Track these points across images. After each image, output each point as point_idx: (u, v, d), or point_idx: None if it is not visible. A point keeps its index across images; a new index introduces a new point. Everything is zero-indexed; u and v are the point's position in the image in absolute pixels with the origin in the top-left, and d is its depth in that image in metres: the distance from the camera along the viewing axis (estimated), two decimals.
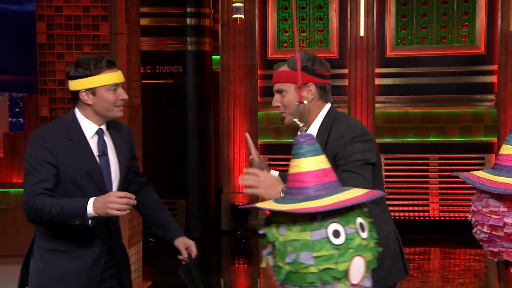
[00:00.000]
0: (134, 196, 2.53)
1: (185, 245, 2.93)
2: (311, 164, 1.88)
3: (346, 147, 2.44)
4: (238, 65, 9.20)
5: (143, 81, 6.36)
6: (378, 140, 9.16)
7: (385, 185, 9.20)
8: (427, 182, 9.09)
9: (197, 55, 8.84)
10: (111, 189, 2.74)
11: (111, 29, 5.55)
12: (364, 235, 1.82)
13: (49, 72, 5.52)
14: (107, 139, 2.80)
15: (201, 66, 8.91)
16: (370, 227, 1.84)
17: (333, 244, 1.82)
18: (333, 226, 1.85)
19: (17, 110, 9.97)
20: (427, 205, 9.06)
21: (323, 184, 1.87)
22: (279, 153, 9.10)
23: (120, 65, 5.58)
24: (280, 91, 2.59)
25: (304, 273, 1.82)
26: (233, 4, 8.89)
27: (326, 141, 2.52)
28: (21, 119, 9.98)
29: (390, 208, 9.17)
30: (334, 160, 2.46)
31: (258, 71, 9.23)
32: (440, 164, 9.01)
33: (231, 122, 9.27)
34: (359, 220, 1.83)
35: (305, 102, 2.58)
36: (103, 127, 2.79)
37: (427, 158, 9.09)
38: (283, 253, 1.84)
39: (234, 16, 8.91)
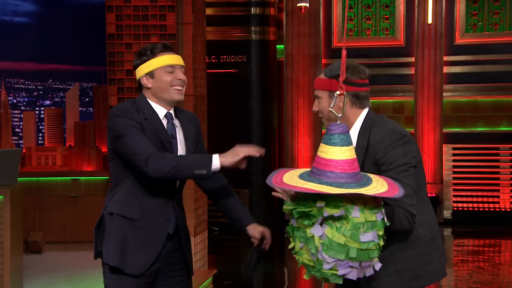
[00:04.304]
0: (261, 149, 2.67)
1: (260, 232, 2.92)
2: (343, 152, 2.09)
3: (387, 153, 2.52)
4: (302, 54, 9.13)
5: (207, 71, 6.39)
6: (446, 130, 8.95)
7: (454, 175, 9.03)
8: (497, 172, 8.82)
9: (261, 44, 8.83)
10: None
11: (177, 19, 5.59)
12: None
13: (118, 62, 5.62)
14: (176, 123, 2.87)
15: (265, 55, 8.89)
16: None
17: (385, 223, 2.18)
18: (383, 209, 2.18)
19: (86, 99, 10.25)
20: (498, 196, 8.80)
21: (348, 173, 2.08)
22: None
23: (186, 55, 5.63)
24: (317, 97, 2.70)
25: (371, 249, 2.10)
26: None
27: (367, 145, 2.59)
28: (90, 108, 10.25)
29: (459, 199, 8.96)
30: (376, 164, 2.55)
31: (322, 60, 9.14)
32: None
33: (295, 111, 9.24)
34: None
35: (336, 112, 2.60)
36: (172, 111, 2.86)
37: (497, 148, 8.83)
38: (355, 234, 2.06)
39: (298, 4, 8.84)
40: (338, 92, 2.39)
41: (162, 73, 2.78)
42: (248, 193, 8.83)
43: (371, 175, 2.23)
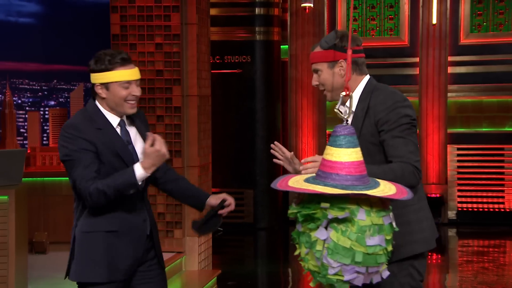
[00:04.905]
0: (156, 136, 2.66)
1: (221, 198, 2.98)
2: (349, 154, 2.05)
3: (390, 112, 2.57)
4: (306, 54, 9.13)
5: (211, 71, 6.40)
6: (450, 130, 8.93)
7: (458, 175, 9.01)
8: (502, 173, 8.80)
9: (266, 44, 8.83)
10: None
11: (182, 19, 5.60)
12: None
13: None
14: (130, 128, 2.90)
15: (269, 55, 8.89)
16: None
17: (393, 228, 2.11)
18: (391, 213, 2.12)
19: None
20: (503, 197, 8.78)
21: (354, 175, 2.05)
22: None
23: (190, 55, 5.63)
24: (316, 71, 2.76)
25: (378, 254, 2.04)
26: None
27: (367, 107, 2.64)
28: None
29: (464, 199, 8.94)
30: (376, 125, 2.60)
31: None
32: None
33: (299, 111, 9.23)
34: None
35: (338, 80, 2.71)
36: (124, 118, 2.88)
37: (502, 149, 8.80)
38: (361, 237, 2.01)
39: (303, 5, 8.83)
40: (340, 61, 2.53)
41: (118, 87, 2.77)
42: (253, 193, 8.83)
43: (379, 180, 2.19)
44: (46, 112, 9.29)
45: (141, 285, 2.90)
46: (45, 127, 9.10)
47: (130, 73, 2.80)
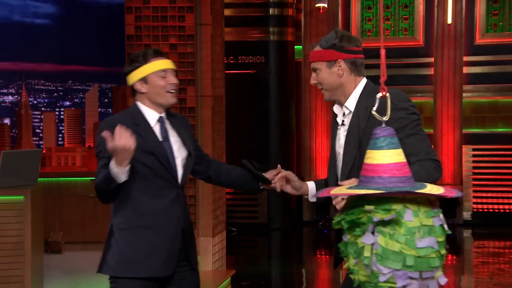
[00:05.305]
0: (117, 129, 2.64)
1: (278, 170, 3.01)
2: (390, 156, 1.97)
3: (398, 111, 2.55)
4: None
5: (226, 72, 6.40)
6: (466, 130, 8.87)
7: (473, 176, 8.95)
8: None
9: (280, 45, 8.82)
10: (175, 168, 2.91)
11: (196, 20, 5.60)
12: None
13: None
14: (168, 126, 2.99)
15: (283, 56, 8.88)
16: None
17: (445, 230, 1.98)
18: (441, 214, 2.01)
19: (106, 100, 10.31)
20: None
21: (398, 177, 1.95)
22: None
23: (205, 55, 5.64)
24: (315, 70, 2.74)
25: (430, 257, 1.92)
26: None
27: (371, 106, 2.56)
28: (109, 109, 10.31)
29: (479, 200, 8.88)
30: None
31: None
32: None
33: (313, 112, 9.21)
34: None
35: (335, 79, 2.71)
36: (163, 115, 2.98)
37: None
38: (410, 240, 1.90)
39: (317, 5, 8.82)
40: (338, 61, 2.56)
41: (155, 78, 2.88)
42: (267, 194, 8.82)
43: (427, 183, 2.09)
44: (62, 113, 9.35)
45: (172, 286, 2.93)
46: (60, 128, 9.16)
47: (165, 63, 2.93)
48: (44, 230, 5.29)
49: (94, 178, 2.86)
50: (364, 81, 2.74)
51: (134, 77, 2.90)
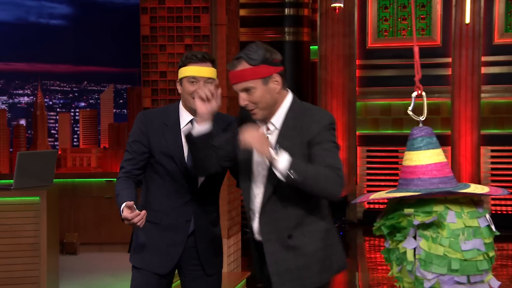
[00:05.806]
0: (140, 213, 2.71)
1: None
2: (429, 156, 1.89)
3: (323, 132, 2.49)
4: (336, 55, 9.05)
5: None
6: (484, 131, 8.77)
7: (491, 178, 8.84)
8: None
9: (295, 45, 8.77)
10: (192, 173, 2.89)
11: (211, 20, 5.58)
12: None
13: (152, 64, 5.63)
14: None
15: (299, 56, 8.83)
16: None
17: (492, 231, 1.91)
18: (487, 215, 1.95)
19: (121, 101, 10.32)
20: None
21: (439, 178, 1.88)
22: (377, 144, 8.90)
23: (220, 56, 5.61)
24: (247, 89, 2.55)
25: (478, 260, 1.82)
26: None
27: (300, 125, 2.53)
28: (124, 110, 10.32)
29: (497, 202, 8.77)
30: (307, 145, 2.49)
31: (356, 60, 9.04)
32: None
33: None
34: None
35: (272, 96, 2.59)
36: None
37: None
38: (454, 242, 1.81)
39: (332, 5, 8.76)
40: (273, 76, 2.47)
41: (186, 83, 2.88)
42: None
43: (470, 183, 2.02)
44: (77, 113, 9.37)
45: (182, 285, 3.01)
46: (76, 129, 9.18)
47: (197, 70, 2.86)
48: (60, 231, 5.29)
49: (109, 179, 2.90)
50: (290, 96, 2.61)
51: (178, 75, 2.93)
